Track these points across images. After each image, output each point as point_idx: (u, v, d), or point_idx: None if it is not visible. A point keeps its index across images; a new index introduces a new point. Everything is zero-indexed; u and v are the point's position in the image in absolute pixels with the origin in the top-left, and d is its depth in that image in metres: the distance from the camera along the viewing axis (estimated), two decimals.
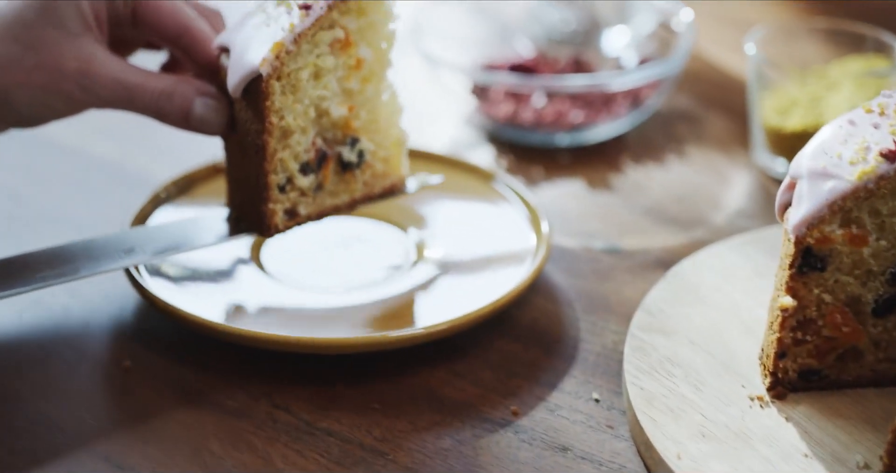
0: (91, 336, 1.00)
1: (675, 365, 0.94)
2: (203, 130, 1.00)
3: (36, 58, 0.95)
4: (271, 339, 0.94)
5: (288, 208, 1.02)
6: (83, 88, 0.96)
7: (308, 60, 0.98)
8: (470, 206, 1.13)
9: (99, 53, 0.97)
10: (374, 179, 1.06)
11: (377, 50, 1.02)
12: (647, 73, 1.27)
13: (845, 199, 0.86)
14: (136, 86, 0.97)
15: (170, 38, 1.01)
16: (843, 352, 0.92)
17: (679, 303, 1.00)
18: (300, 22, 0.96)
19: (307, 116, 1.00)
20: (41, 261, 0.96)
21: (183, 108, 0.98)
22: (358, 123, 1.03)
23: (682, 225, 1.18)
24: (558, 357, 1.00)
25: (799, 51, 1.29)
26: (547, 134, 1.29)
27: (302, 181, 1.01)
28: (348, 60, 1.01)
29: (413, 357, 0.98)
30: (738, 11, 1.59)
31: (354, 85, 1.02)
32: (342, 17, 0.99)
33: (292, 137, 0.99)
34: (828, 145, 0.88)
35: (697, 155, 1.29)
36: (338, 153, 1.03)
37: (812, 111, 1.21)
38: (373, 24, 1.01)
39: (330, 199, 1.04)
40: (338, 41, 1.00)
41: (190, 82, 0.99)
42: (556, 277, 1.09)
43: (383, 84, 1.03)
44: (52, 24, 0.96)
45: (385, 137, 1.05)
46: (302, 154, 1.00)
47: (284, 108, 0.98)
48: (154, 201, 1.10)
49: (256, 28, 0.98)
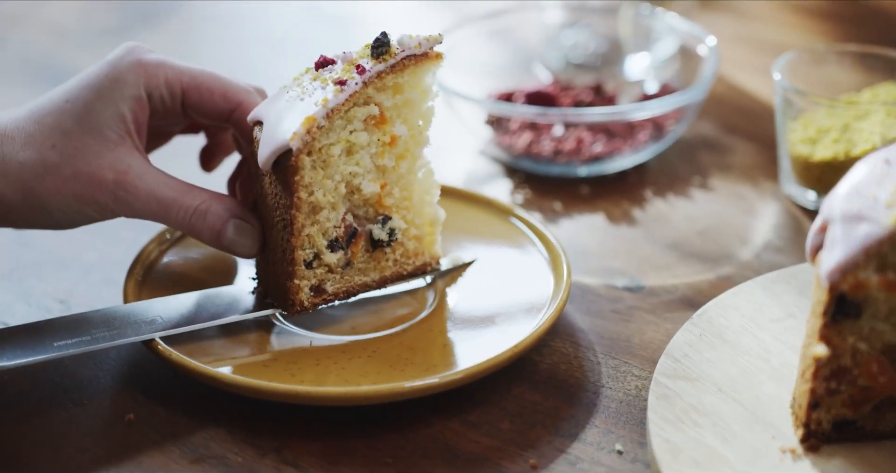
0: (93, 388, 0.97)
1: (702, 415, 0.90)
2: (235, 250, 1.00)
3: (73, 167, 0.95)
4: (279, 391, 0.91)
5: (314, 284, 0.99)
6: (118, 199, 0.96)
7: (341, 136, 0.96)
8: (487, 245, 1.09)
9: (136, 164, 0.97)
10: (406, 257, 1.03)
11: (413, 127, 1.00)
12: (669, 101, 1.23)
13: (882, 244, 0.81)
14: (171, 202, 0.97)
15: (222, 117, 1.01)
16: (879, 402, 0.87)
17: (705, 347, 0.96)
18: (334, 97, 0.94)
19: (338, 192, 0.97)
20: (61, 328, 0.94)
21: (215, 228, 0.98)
22: (390, 200, 1.00)
23: (707, 260, 1.13)
24: (579, 405, 0.96)
25: (828, 76, 1.25)
26: (566, 165, 1.25)
27: (330, 258, 0.98)
28: (382, 137, 0.98)
29: (426, 406, 0.94)
30: (765, 33, 1.55)
31: (388, 162, 0.99)
32: (378, 93, 0.97)
33: (321, 213, 0.97)
34: (862, 186, 0.84)
35: (723, 185, 1.25)
36: (368, 231, 1.00)
37: (842, 140, 1.17)
38: (409, 102, 0.99)
39: (359, 276, 1.01)
40: (372, 118, 0.97)
41: (223, 202, 0.99)
42: (576, 318, 1.05)
43: (419, 162, 1.01)
44: (90, 133, 0.96)
45: (418, 215, 1.02)
46: (331, 230, 0.98)
47: (314, 183, 0.96)
48: (159, 241, 1.06)
49: (291, 102, 0.96)
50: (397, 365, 0.95)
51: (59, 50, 1.55)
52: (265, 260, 1.01)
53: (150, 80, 0.98)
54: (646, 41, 1.42)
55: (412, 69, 0.97)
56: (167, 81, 0.98)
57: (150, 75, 0.98)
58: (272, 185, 0.97)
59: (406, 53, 0.97)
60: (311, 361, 0.96)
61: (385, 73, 0.96)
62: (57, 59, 1.53)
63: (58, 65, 1.51)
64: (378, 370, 0.95)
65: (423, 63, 0.98)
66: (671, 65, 1.39)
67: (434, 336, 0.99)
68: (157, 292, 1.01)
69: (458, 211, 1.10)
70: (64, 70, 1.49)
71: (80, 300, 1.07)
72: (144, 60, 0.98)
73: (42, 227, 0.99)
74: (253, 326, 1.00)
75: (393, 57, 0.96)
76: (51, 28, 1.61)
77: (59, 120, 0.96)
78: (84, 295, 1.08)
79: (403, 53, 0.97)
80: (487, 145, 1.28)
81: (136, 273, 1.03)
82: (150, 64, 0.98)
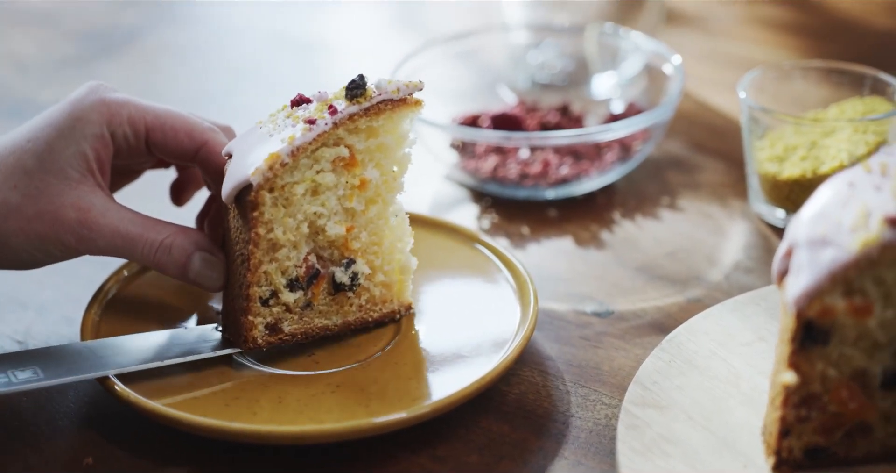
0: (50, 430, 0.95)
1: (672, 444, 0.88)
2: (201, 284, 0.98)
3: (35, 207, 0.94)
4: (240, 431, 0.89)
5: (270, 322, 0.97)
6: (81, 238, 0.95)
7: (306, 175, 0.94)
8: (453, 274, 1.07)
9: (98, 202, 0.96)
10: (372, 304, 1.01)
11: (386, 172, 0.98)
12: (636, 122, 1.21)
13: (847, 269, 0.80)
14: (136, 237, 0.96)
15: (187, 156, 1.00)
16: (850, 428, 0.86)
17: (675, 374, 0.94)
18: (301, 135, 0.93)
19: (299, 231, 0.96)
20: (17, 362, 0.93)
21: (180, 262, 0.97)
22: (357, 244, 0.99)
23: (676, 283, 1.12)
24: (548, 436, 0.94)
25: (794, 92, 1.23)
26: (533, 188, 1.23)
27: (288, 297, 0.97)
28: (352, 180, 0.97)
29: (393, 441, 0.92)
30: (731, 49, 1.54)
31: (357, 205, 0.98)
32: (349, 135, 0.95)
33: (281, 251, 0.95)
34: (826, 210, 0.82)
35: (691, 205, 1.24)
36: (331, 273, 0.98)
37: (809, 158, 1.15)
38: (384, 146, 0.97)
39: (319, 318, 0.99)
40: (341, 159, 0.96)
41: (189, 235, 0.98)
42: (545, 345, 1.03)
43: (391, 207, 0.99)
44: (52, 173, 0.95)
45: (387, 261, 1.00)
46: (291, 269, 0.96)
47: (275, 220, 0.94)
48: (117, 278, 1.05)
49: (260, 138, 0.95)
50: (362, 400, 0.93)
51: (18, 82, 1.53)
52: (227, 295, 1.00)
53: (113, 118, 0.97)
54: (612, 60, 1.40)
55: (388, 114, 0.96)
56: (130, 119, 0.97)
57: (113, 114, 0.97)
58: (235, 219, 0.96)
59: (382, 98, 0.95)
60: (274, 398, 0.93)
61: (358, 115, 0.95)
62: (16, 90, 1.51)
63: (17, 96, 1.49)
64: (342, 405, 0.93)
65: (400, 109, 0.96)
66: (638, 83, 1.38)
67: (400, 369, 0.97)
68: (116, 329, 0.99)
69: (423, 239, 1.08)
70: (24, 102, 1.47)
71: (37, 339, 1.05)
72: (107, 99, 0.97)
73: (6, 268, 0.98)
74: (215, 362, 0.97)
75: (368, 100, 0.95)
76: (9, 59, 1.59)
77: (20, 160, 0.95)
78: (42, 334, 1.06)
79: (380, 97, 0.95)
80: (453, 170, 1.26)
81: (93, 311, 1.01)
82: (113, 103, 0.97)
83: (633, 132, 1.22)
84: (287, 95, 0.98)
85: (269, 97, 1.44)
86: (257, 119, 0.98)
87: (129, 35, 1.65)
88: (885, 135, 1.15)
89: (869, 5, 1.63)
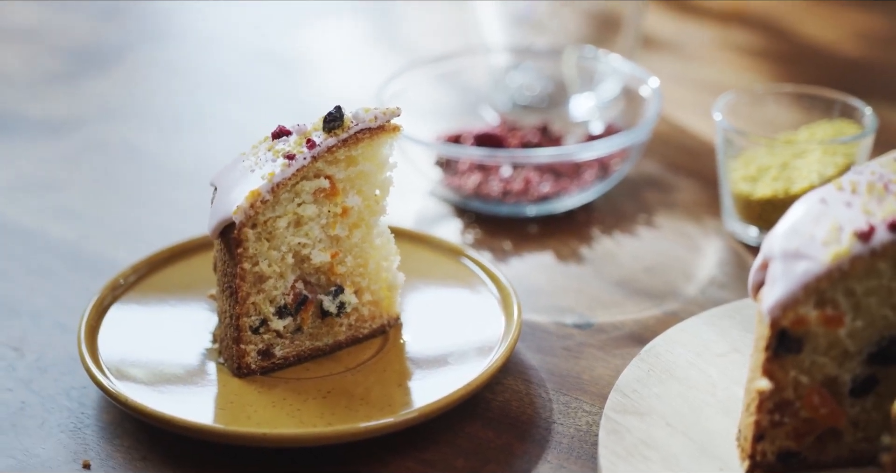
0: (47, 432, 0.97)
1: (652, 449, 0.92)
2: None
3: None
4: (235, 434, 0.91)
5: (262, 348, 0.99)
6: None
7: (287, 209, 0.97)
8: (439, 286, 1.11)
9: None
10: (361, 322, 1.04)
11: (368, 197, 1.00)
12: (614, 142, 1.25)
13: (820, 280, 0.84)
14: None
15: None
16: (821, 433, 0.90)
17: (654, 382, 0.98)
18: (280, 172, 0.95)
19: (284, 262, 0.98)
20: None
21: None
22: (343, 268, 1.01)
23: (654, 297, 1.16)
24: (531, 442, 0.97)
25: (767, 115, 1.28)
26: (515, 205, 1.27)
27: (277, 324, 0.99)
28: (333, 208, 0.99)
29: (382, 446, 0.95)
30: (705, 73, 1.59)
31: (340, 231, 1.00)
32: (329, 166, 0.97)
33: (267, 282, 0.98)
34: (800, 225, 0.86)
35: (667, 223, 1.28)
36: (319, 300, 1.01)
37: (781, 178, 1.20)
38: (364, 173, 0.99)
39: (310, 341, 1.02)
40: (322, 190, 0.98)
41: None
42: (528, 355, 1.07)
43: (375, 230, 1.01)
44: None
45: (374, 281, 1.03)
46: (279, 298, 0.99)
47: (259, 254, 0.96)
48: (113, 287, 1.07)
49: (243, 172, 0.96)
50: (352, 406, 0.96)
51: (5, 97, 1.55)
52: (220, 320, 1.02)
53: None
54: (590, 82, 1.45)
55: (367, 142, 0.98)
56: None
57: None
58: (221, 252, 0.98)
59: (360, 127, 0.97)
60: (267, 403, 0.96)
61: (336, 147, 0.96)
62: (3, 106, 1.53)
63: (4, 112, 1.51)
64: (333, 410, 0.95)
65: (378, 136, 0.98)
66: (615, 105, 1.42)
67: (389, 376, 1.00)
68: (112, 337, 1.02)
69: (409, 252, 1.11)
70: (11, 117, 1.49)
71: (33, 346, 1.07)
72: None
73: None
74: (211, 368, 1.00)
75: (346, 131, 0.97)
76: None
77: None
78: (37, 342, 1.08)
79: (357, 127, 0.97)
80: (437, 186, 1.30)
81: (90, 319, 1.03)
82: None
83: (611, 152, 1.26)
84: (272, 111, 1.00)
85: (254, 113, 1.46)
86: (241, 137, 0.99)
87: (115, 51, 1.67)
88: (853, 157, 1.20)
89: (838, 33, 1.69)
